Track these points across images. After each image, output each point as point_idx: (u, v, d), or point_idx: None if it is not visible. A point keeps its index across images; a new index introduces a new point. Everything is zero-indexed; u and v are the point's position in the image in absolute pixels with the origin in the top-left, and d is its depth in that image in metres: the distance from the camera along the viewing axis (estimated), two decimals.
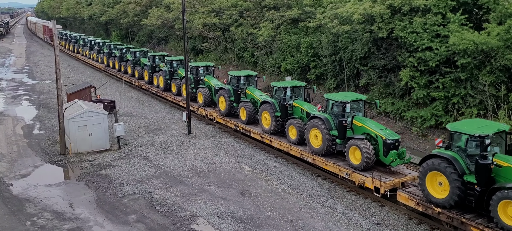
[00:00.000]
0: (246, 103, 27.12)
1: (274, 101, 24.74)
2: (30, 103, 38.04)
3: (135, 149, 25.31)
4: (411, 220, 17.12)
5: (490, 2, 23.40)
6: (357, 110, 21.07)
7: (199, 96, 32.53)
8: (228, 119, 28.61)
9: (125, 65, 47.06)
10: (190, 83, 32.28)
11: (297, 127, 22.75)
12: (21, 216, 17.43)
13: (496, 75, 22.12)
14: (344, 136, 20.39)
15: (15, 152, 25.21)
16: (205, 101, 31.80)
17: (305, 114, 23.36)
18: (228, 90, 28.68)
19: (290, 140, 23.28)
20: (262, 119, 25.35)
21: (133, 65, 45.18)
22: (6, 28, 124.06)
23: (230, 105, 28.55)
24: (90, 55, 59.93)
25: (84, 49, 63.68)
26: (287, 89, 24.35)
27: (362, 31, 27.68)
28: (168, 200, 18.54)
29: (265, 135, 25.05)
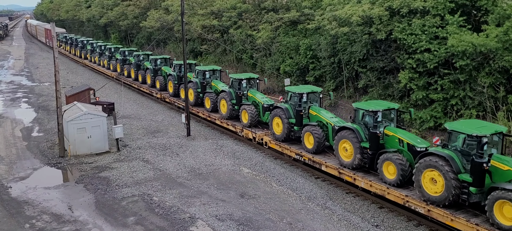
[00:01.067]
0: (248, 106, 26.64)
1: (289, 107, 23.56)
2: (29, 105, 38.01)
3: (134, 151, 25.29)
4: (411, 222, 17.12)
5: (488, 4, 23.47)
6: (389, 120, 19.34)
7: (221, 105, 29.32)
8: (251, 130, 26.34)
9: (143, 74, 41.88)
10: (197, 88, 31.81)
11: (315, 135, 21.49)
12: (20, 218, 17.39)
13: (494, 77, 22.16)
14: (376, 148, 18.49)
15: (14, 155, 25.17)
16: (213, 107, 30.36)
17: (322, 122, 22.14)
18: (229, 93, 28.31)
19: (307, 149, 22.04)
20: (273, 125, 24.12)
21: (154, 75, 39.64)
22: (5, 30, 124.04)
23: (232, 108, 28.14)
24: (101, 62, 55.06)
25: (92, 55, 58.78)
26: (303, 95, 23.11)
27: (361, 33, 27.72)
28: (167, 202, 18.52)
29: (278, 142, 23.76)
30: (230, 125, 27.95)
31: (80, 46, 65.80)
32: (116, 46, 53.80)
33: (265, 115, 26.23)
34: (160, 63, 39.87)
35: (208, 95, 30.76)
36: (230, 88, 28.77)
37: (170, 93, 35.78)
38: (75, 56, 67.12)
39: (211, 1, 47.88)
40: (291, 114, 23.18)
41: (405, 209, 17.50)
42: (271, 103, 26.29)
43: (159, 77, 38.48)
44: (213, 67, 33.07)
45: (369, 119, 19.21)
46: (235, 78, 28.64)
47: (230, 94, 28.27)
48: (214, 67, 33.18)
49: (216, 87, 30.94)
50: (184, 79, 29.40)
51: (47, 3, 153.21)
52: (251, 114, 26.27)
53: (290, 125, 23.00)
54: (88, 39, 68.97)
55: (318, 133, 21.50)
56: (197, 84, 31.90)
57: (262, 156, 24.65)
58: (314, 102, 23.58)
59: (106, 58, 52.96)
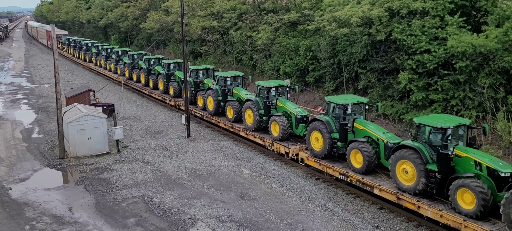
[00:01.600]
0: (279, 117, 24.09)
1: (330, 119, 21.30)
2: (29, 107, 38.01)
3: (134, 152, 25.29)
4: (411, 223, 17.11)
5: (488, 5, 23.49)
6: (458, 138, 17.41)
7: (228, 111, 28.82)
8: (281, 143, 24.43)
9: (154, 80, 39.34)
10: (217, 96, 29.49)
11: (364, 153, 19.18)
12: (20, 220, 17.39)
13: (494, 77, 22.17)
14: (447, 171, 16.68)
15: (14, 156, 25.17)
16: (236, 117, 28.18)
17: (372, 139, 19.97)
18: (256, 102, 26.08)
19: (354, 168, 19.69)
20: (312, 140, 21.65)
21: (167, 80, 37.04)
22: (5, 32, 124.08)
23: (259, 119, 25.89)
24: (107, 66, 52.46)
25: (98, 58, 55.93)
26: (347, 106, 20.80)
27: (360, 34, 27.73)
28: (167, 204, 18.51)
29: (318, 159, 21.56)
30: (257, 138, 25.46)
31: (84, 49, 63.28)
32: (124, 49, 51.31)
33: (298, 128, 23.72)
34: (173, 68, 37.44)
35: (230, 104, 28.21)
36: (257, 96, 26.08)
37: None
38: (79, 60, 64.72)
39: (211, 2, 47.91)
40: (333, 128, 20.74)
41: None
42: (305, 115, 23.87)
43: (172, 83, 36.16)
44: (235, 73, 30.44)
45: (436, 136, 16.88)
46: (263, 86, 26.08)
47: (257, 103, 25.82)
48: (236, 73, 30.49)
49: (240, 95, 28.38)
50: (184, 81, 29.40)
51: (47, 5, 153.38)
52: (283, 127, 23.59)
53: (333, 140, 20.53)
54: (93, 41, 66.37)
55: (368, 150, 19.05)
56: (218, 91, 29.53)
57: (262, 157, 24.66)
58: (359, 115, 21.13)
59: (112, 61, 50.44)
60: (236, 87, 29.43)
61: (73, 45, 69.83)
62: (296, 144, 23.77)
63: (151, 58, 41.57)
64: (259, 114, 25.72)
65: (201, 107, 31.52)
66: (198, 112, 31.53)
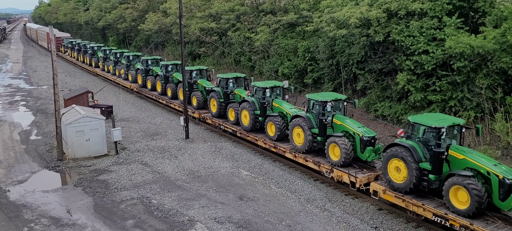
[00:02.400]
0: (340, 137, 20.52)
1: (310, 116, 21.92)
2: (27, 109, 37.94)
3: (133, 154, 25.26)
4: (409, 224, 17.12)
5: (485, 6, 23.56)
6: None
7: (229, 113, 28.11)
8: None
9: (173, 89, 35.37)
10: (254, 109, 25.99)
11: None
12: (18, 222, 17.35)
13: (492, 78, 22.23)
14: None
15: (12, 158, 25.12)
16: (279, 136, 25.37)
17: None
18: (252, 102, 25.69)
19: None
20: (389, 169, 18.14)
21: (189, 90, 32.45)
22: (3, 34, 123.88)
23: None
24: (116, 71, 48.37)
25: (106, 63, 51.94)
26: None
27: (359, 35, 27.78)
28: (166, 205, 18.49)
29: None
30: (310, 161, 21.35)
31: (89, 53, 59.29)
32: (136, 54, 47.08)
33: (365, 152, 19.91)
34: (195, 76, 33.99)
35: (271, 120, 24.36)
36: (308, 112, 22.55)
37: (213, 113, 29.91)
38: (84, 64, 60.65)
39: (209, 3, 47.95)
40: (420, 156, 16.94)
41: None
42: (372, 135, 20.28)
43: (195, 92, 32.39)
44: (274, 83, 26.08)
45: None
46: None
47: (309, 120, 21.99)
48: (276, 83, 26.39)
49: (282, 109, 24.67)
50: (183, 82, 29.35)
51: (45, 6, 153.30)
52: (346, 151, 19.89)
53: (421, 171, 16.77)
54: (99, 45, 62.96)
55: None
56: (254, 104, 25.55)
57: (260, 158, 24.65)
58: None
59: (123, 67, 46.22)
60: (276, 100, 25.44)
61: (77, 48, 65.86)
62: (361, 170, 19.77)
63: (169, 65, 37.52)
64: (311, 134, 21.68)
65: (233, 121, 27.68)
66: (229, 127, 27.88)
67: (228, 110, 28.03)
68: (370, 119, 27.47)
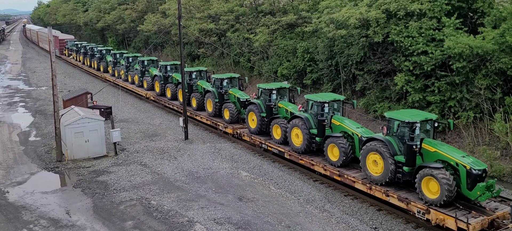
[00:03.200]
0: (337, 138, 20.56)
1: (309, 116, 21.86)
2: (26, 110, 37.91)
3: (132, 155, 25.24)
4: (409, 224, 17.12)
5: (484, 6, 23.60)
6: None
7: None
8: None
9: (199, 99, 31.41)
10: (214, 98, 28.80)
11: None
12: (17, 223, 17.32)
13: (491, 78, 22.25)
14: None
15: (11, 159, 25.08)
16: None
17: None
18: (306, 119, 22.29)
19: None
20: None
21: (220, 101, 29.07)
22: (2, 35, 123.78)
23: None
24: (128, 77, 44.60)
25: (116, 68, 48.48)
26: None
27: (358, 36, 27.79)
28: (165, 206, 18.48)
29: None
30: (394, 197, 17.44)
31: (97, 57, 55.12)
32: (151, 59, 43.03)
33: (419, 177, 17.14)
34: (226, 85, 29.56)
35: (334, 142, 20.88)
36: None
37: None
38: (91, 68, 56.47)
39: (208, 4, 47.94)
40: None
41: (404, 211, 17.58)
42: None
43: (228, 104, 28.34)
44: (333, 97, 22.47)
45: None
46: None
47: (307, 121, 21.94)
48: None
49: (344, 128, 21.18)
50: (182, 83, 29.34)
51: (44, 7, 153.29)
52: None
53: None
54: (108, 48, 58.43)
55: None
56: (309, 122, 22.00)
57: (260, 159, 24.64)
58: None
59: (136, 73, 42.27)
60: (335, 116, 22.03)
61: (83, 51, 61.68)
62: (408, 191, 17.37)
63: (193, 71, 33.23)
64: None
65: (279, 140, 23.88)
66: (273, 146, 23.84)
67: (272, 127, 23.79)
68: (370, 120, 27.48)
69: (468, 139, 22.95)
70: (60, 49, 73.56)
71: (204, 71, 34.78)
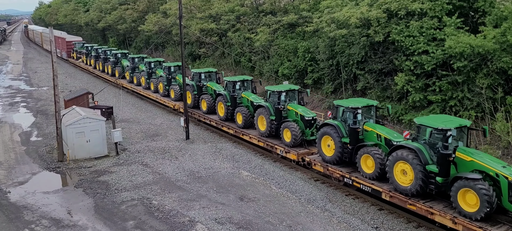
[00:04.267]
0: (290, 122, 22.89)
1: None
2: (27, 110, 37.95)
3: (133, 155, 25.26)
4: (410, 224, 17.12)
5: (485, 5, 23.56)
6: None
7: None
8: None
9: (244, 114, 26.73)
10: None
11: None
12: (19, 223, 17.35)
13: (492, 78, 22.22)
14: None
15: (13, 159, 25.12)
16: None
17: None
18: (266, 107, 24.41)
19: (365, 174, 18.83)
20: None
21: (278, 118, 24.22)
22: (3, 35, 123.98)
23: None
24: (150, 85, 39.12)
25: (134, 74, 43.16)
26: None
27: (359, 35, 27.78)
28: (166, 206, 18.50)
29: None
30: None
31: (112, 61, 49.60)
32: (177, 64, 37.34)
33: None
34: (285, 97, 24.67)
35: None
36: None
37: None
38: (104, 73, 51.16)
39: (209, 4, 47.97)
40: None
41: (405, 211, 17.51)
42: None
43: (289, 124, 23.34)
44: (290, 87, 24.50)
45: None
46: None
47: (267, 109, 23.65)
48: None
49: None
50: (183, 84, 29.34)
51: (45, 8, 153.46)
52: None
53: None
54: (124, 51, 52.95)
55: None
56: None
57: (261, 159, 24.65)
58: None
59: (161, 81, 37.32)
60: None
61: (94, 55, 56.05)
62: None
63: (237, 81, 28.61)
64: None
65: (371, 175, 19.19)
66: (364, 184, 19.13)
67: (360, 160, 19.25)
68: None
69: (469, 139, 22.92)
70: (68, 51, 69.88)
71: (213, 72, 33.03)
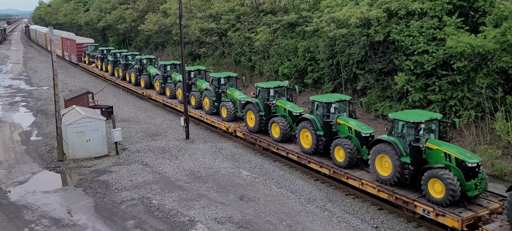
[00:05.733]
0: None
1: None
2: (27, 109, 37.95)
3: (133, 154, 25.26)
4: (410, 223, 17.12)
5: (486, 5, 23.56)
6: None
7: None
8: None
9: (283, 126, 23.40)
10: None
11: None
12: (19, 223, 17.35)
13: (492, 77, 22.24)
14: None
15: (13, 159, 25.12)
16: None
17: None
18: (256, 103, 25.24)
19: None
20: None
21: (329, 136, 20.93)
22: (3, 35, 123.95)
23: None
24: (191, 99, 31.84)
25: (168, 85, 35.59)
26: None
27: (359, 35, 27.79)
28: (166, 206, 18.50)
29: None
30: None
31: (136, 68, 41.54)
32: (229, 75, 30.51)
33: None
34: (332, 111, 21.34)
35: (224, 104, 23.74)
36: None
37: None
38: (125, 82, 43.86)
39: (209, 4, 47.96)
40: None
41: None
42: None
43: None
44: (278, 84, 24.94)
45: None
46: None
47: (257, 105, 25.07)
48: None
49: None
50: (183, 82, 29.32)
51: (45, 7, 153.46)
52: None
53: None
54: (150, 56, 43.75)
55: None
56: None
57: (261, 158, 24.65)
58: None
59: (208, 95, 30.01)
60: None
61: (111, 60, 48.48)
62: None
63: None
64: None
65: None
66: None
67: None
68: (371, 119, 27.47)
69: (469, 138, 22.94)
70: (78, 55, 62.85)
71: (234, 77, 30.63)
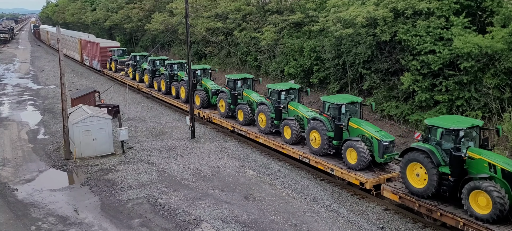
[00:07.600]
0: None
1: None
2: (34, 108, 38.22)
3: (139, 153, 25.36)
4: (416, 224, 17.04)
5: (493, 5, 23.37)
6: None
7: None
8: None
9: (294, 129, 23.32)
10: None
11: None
12: (26, 220, 17.49)
13: (500, 78, 22.07)
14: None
15: (20, 157, 25.32)
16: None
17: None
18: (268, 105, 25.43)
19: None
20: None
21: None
22: (11, 34, 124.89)
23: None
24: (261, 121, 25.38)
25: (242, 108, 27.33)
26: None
27: (365, 35, 27.68)
28: (172, 204, 18.56)
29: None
30: None
31: (185, 81, 33.29)
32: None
33: None
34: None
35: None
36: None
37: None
38: (169, 97, 36.27)
39: (215, 3, 48.01)
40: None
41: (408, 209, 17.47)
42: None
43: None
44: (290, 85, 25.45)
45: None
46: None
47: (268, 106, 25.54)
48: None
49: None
50: (189, 82, 29.37)
51: (52, 6, 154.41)
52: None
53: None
54: (205, 66, 34.69)
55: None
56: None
57: (266, 158, 24.65)
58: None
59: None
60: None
61: (150, 69, 39.81)
62: None
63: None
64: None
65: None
66: None
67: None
68: (377, 119, 27.37)
69: None
70: (102, 61, 53.68)
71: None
